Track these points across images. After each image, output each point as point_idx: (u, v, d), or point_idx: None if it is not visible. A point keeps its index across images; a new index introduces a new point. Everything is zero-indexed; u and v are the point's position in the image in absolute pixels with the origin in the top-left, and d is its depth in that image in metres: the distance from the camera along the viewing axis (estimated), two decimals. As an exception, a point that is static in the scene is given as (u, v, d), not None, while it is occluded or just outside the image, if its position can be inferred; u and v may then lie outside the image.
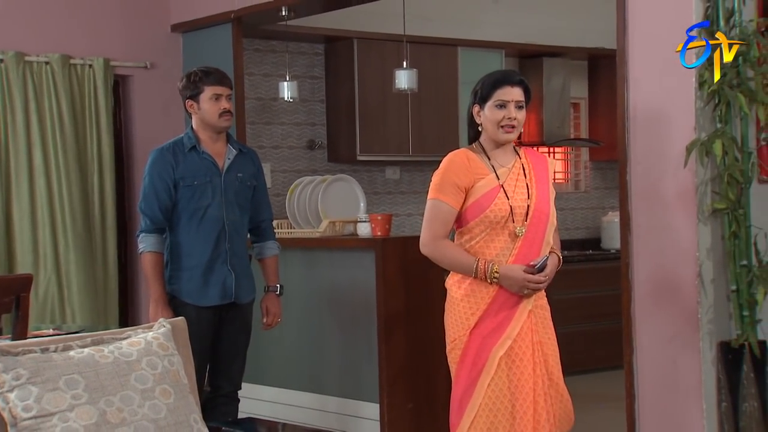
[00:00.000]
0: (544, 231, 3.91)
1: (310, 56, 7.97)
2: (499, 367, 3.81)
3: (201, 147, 4.70)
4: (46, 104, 6.58)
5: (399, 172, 8.40)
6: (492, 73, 4.06)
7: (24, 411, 2.72)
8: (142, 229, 4.70)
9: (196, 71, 4.74)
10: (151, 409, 2.87)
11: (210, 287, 4.68)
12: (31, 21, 6.65)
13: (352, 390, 5.78)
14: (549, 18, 8.54)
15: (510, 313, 3.84)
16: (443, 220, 3.89)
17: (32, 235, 6.46)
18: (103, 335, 3.07)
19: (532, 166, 3.97)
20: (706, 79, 4.33)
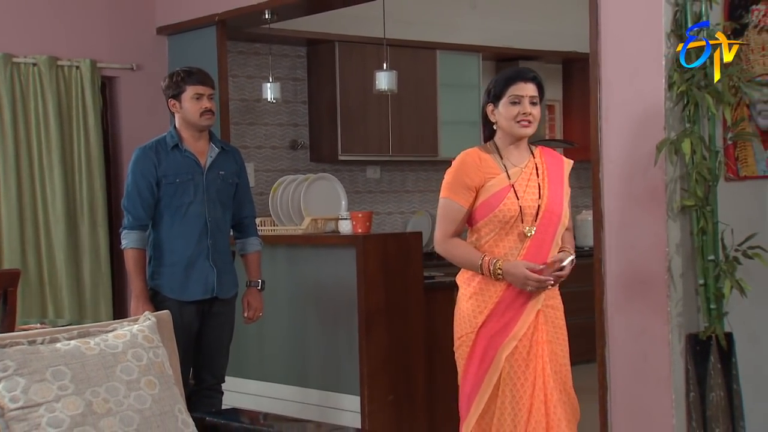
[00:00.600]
0: (554, 232, 3.83)
1: (293, 58, 7.98)
2: (505, 367, 3.74)
3: (183, 145, 4.70)
4: (33, 105, 6.56)
5: (379, 171, 8.42)
6: (505, 70, 3.99)
7: (11, 402, 2.72)
8: (125, 225, 4.70)
9: (179, 71, 4.75)
10: (136, 399, 2.87)
11: (192, 282, 4.68)
12: (18, 23, 6.62)
13: (334, 383, 5.78)
14: (524, 23, 8.58)
15: (517, 313, 3.77)
16: (453, 219, 3.83)
17: (20, 233, 6.43)
18: (89, 328, 3.07)
19: (546, 165, 3.87)
20: (675, 81, 4.36)
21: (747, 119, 4.62)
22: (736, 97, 4.49)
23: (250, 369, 6.17)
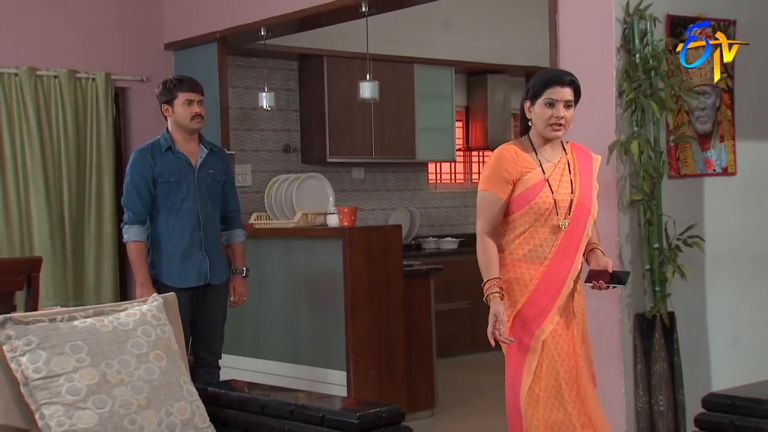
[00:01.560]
0: (584, 225, 3.60)
1: (286, 71, 7.97)
2: (544, 350, 3.51)
3: (176, 147, 4.68)
4: (54, 112, 6.55)
5: (363, 172, 8.41)
6: (545, 71, 3.77)
7: (34, 372, 2.73)
8: (126, 221, 4.67)
9: (171, 79, 4.74)
10: (145, 371, 2.88)
11: (187, 271, 4.67)
12: (41, 40, 6.61)
13: (323, 359, 5.77)
14: (492, 40, 8.58)
15: (554, 297, 3.54)
16: (492, 211, 3.58)
17: (49, 225, 6.41)
18: (103, 307, 3.08)
19: (577, 161, 3.66)
20: (624, 90, 4.38)
21: (686, 124, 4.64)
22: (677, 104, 4.52)
23: (248, 348, 6.17)
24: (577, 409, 3.53)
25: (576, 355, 3.57)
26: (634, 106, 4.37)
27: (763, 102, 5.05)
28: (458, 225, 9.06)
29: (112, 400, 2.76)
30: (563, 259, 3.55)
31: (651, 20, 4.44)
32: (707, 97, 4.74)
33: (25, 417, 2.76)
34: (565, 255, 3.55)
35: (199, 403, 2.98)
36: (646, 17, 4.44)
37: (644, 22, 4.43)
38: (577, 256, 3.57)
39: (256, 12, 6.36)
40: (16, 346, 2.75)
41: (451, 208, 9.06)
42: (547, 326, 3.51)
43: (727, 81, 4.86)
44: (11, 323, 2.79)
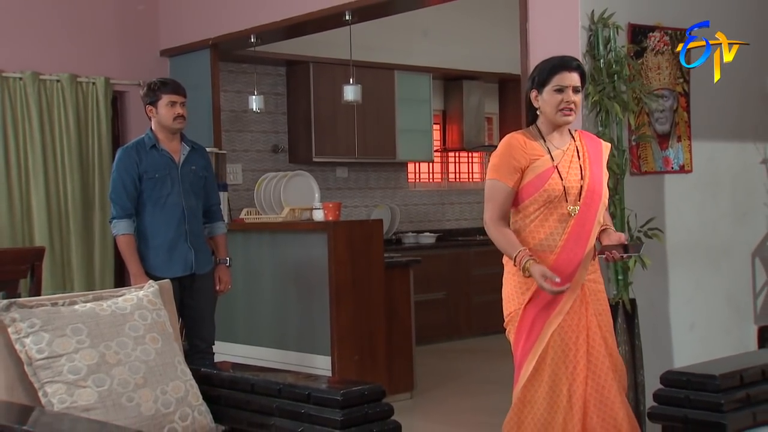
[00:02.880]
0: (596, 211, 3.38)
1: (274, 76, 7.97)
2: (556, 340, 3.32)
3: (159, 145, 4.65)
4: (57, 114, 6.54)
5: (347, 171, 8.41)
6: (550, 59, 3.56)
7: (38, 353, 2.74)
8: (114, 215, 4.63)
9: (155, 81, 4.70)
10: (142, 352, 2.89)
11: (173, 262, 4.64)
12: (45, 46, 6.60)
13: (309, 345, 5.77)
14: (467, 48, 8.60)
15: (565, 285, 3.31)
16: (501, 199, 3.38)
17: (48, 220, 6.41)
18: (102, 293, 3.08)
19: (586, 148, 3.45)
20: (590, 92, 4.40)
21: (647, 125, 4.67)
22: (639, 106, 4.55)
23: (239, 335, 6.16)
24: (569, 412, 3.30)
25: (581, 351, 3.32)
26: (599, 107, 4.40)
27: (716, 105, 5.10)
28: (436, 221, 9.08)
29: (110, 379, 2.76)
30: (575, 246, 3.34)
31: (614, 28, 4.48)
32: (666, 100, 4.78)
33: (29, 394, 2.76)
34: (577, 242, 3.35)
35: (192, 382, 2.98)
36: (609, 25, 4.48)
37: (608, 30, 4.47)
38: (589, 243, 3.36)
39: (246, 20, 6.37)
40: (21, 328, 2.76)
41: (429, 206, 9.08)
42: (556, 317, 3.33)
43: (684, 85, 4.91)
44: (16, 307, 2.80)
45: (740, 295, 5.30)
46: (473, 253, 8.51)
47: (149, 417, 2.77)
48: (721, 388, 2.86)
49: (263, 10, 6.26)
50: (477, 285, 8.44)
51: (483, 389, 6.29)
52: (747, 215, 5.33)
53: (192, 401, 2.93)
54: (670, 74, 4.81)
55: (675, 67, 4.84)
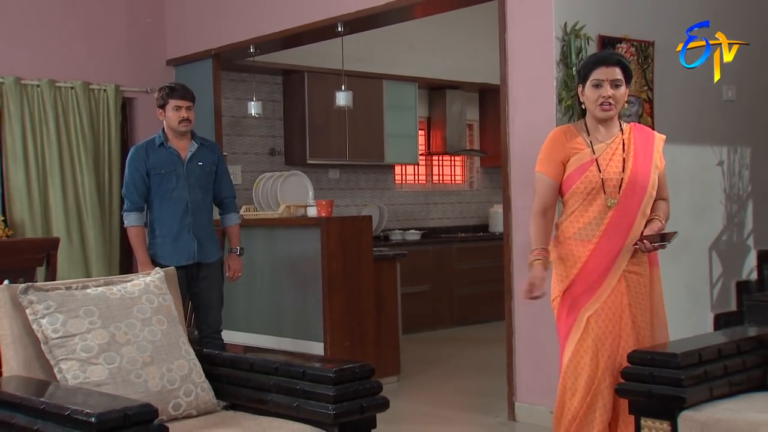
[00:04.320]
0: (639, 202, 3.20)
1: (272, 85, 7.96)
2: (593, 326, 3.18)
3: (168, 144, 4.65)
4: (72, 119, 6.54)
5: (339, 173, 8.40)
6: (592, 54, 3.48)
7: (53, 332, 2.74)
8: (126, 208, 4.66)
9: (165, 87, 4.70)
10: (149, 333, 2.88)
11: (177, 251, 4.61)
12: (60, 55, 6.60)
13: (303, 332, 5.76)
14: (450, 60, 8.62)
15: (601, 276, 3.20)
16: (542, 191, 3.29)
17: (65, 215, 6.41)
18: (112, 278, 3.08)
19: (635, 140, 3.26)
20: (563, 98, 4.43)
21: (616, 128, 4.69)
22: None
23: (239, 323, 6.15)
24: (602, 399, 3.16)
25: (620, 339, 3.19)
26: (571, 111, 4.43)
27: (677, 112, 5.14)
28: (421, 219, 9.09)
29: (120, 358, 2.76)
30: (613, 237, 3.19)
31: (585, 39, 4.51)
32: (632, 106, 4.81)
33: (45, 371, 2.76)
34: (616, 233, 3.19)
35: (195, 361, 2.98)
36: (581, 36, 4.51)
37: (579, 41, 4.50)
38: (630, 235, 3.20)
39: (246, 31, 6.37)
40: (37, 310, 2.76)
41: (414, 205, 9.09)
42: (592, 304, 3.20)
43: (648, 93, 4.94)
44: (33, 290, 2.80)
45: (698, 286, 5.34)
46: (455, 249, 8.54)
47: (156, 392, 2.77)
48: (681, 365, 2.89)
49: (262, 22, 6.26)
50: (459, 278, 8.46)
51: (464, 373, 6.32)
52: (705, 212, 5.37)
53: (195, 378, 2.93)
54: (635, 82, 4.83)
55: (640, 76, 4.87)
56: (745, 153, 5.63)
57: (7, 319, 2.79)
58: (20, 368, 2.76)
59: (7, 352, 2.78)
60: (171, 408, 2.83)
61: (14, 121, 6.30)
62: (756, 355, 3.14)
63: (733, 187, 5.53)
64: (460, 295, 8.45)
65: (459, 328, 8.30)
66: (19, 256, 3.77)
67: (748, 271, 5.63)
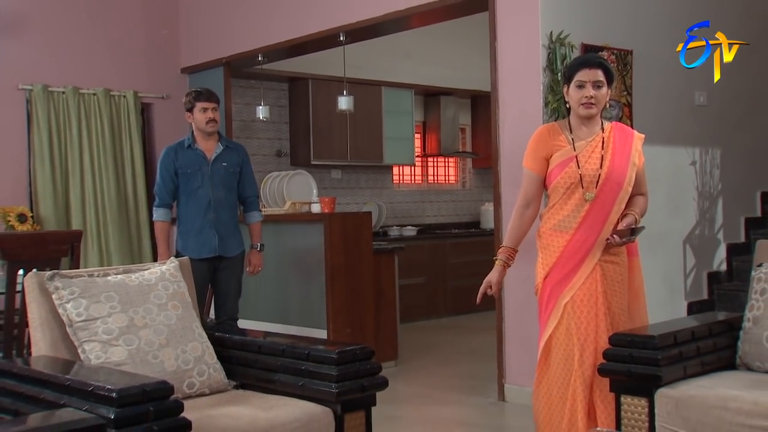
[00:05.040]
0: (615, 197, 3.17)
1: (278, 91, 7.96)
2: (569, 312, 3.16)
3: (195, 145, 4.68)
4: (94, 123, 6.55)
5: (341, 173, 8.40)
6: (576, 57, 3.48)
7: (77, 316, 2.75)
8: (155, 204, 4.73)
9: (192, 92, 4.76)
10: (165, 317, 2.89)
11: (201, 245, 4.64)
12: (84, 65, 6.61)
13: (308, 320, 5.76)
14: (444, 68, 8.62)
15: (577, 265, 3.18)
16: (526, 185, 3.29)
17: (81, 214, 6.42)
18: (131, 267, 3.08)
19: (614, 139, 3.22)
20: (549, 101, 4.43)
21: (598, 129, 4.69)
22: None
23: (248, 311, 6.11)
24: (581, 383, 3.12)
25: (596, 324, 3.15)
26: (557, 114, 4.42)
27: (654, 115, 5.14)
28: (417, 216, 9.10)
29: (138, 340, 2.77)
30: (589, 228, 3.17)
31: (569, 47, 4.52)
32: (612, 109, 4.81)
33: (70, 351, 2.76)
34: (592, 225, 3.17)
35: (208, 344, 2.98)
36: (565, 44, 4.52)
37: (564, 48, 4.51)
38: (605, 227, 3.17)
39: (254, 41, 6.37)
40: (63, 295, 2.76)
41: (411, 203, 9.09)
42: (569, 291, 3.18)
43: (627, 97, 4.95)
44: (58, 277, 2.80)
45: (674, 276, 5.35)
46: (449, 244, 8.54)
47: (171, 372, 2.77)
48: (658, 346, 2.90)
49: (269, 33, 6.26)
50: (453, 271, 8.47)
51: (457, 359, 6.32)
52: (679, 208, 5.38)
53: (208, 360, 2.93)
54: (616, 88, 4.85)
55: (620, 81, 4.87)
56: (716, 154, 5.64)
57: (36, 304, 2.80)
58: (47, 349, 2.76)
59: (35, 334, 2.79)
60: (185, 387, 2.83)
61: (42, 125, 6.31)
62: (725, 337, 3.15)
63: (704, 185, 5.54)
64: (453, 287, 8.45)
65: (452, 317, 8.30)
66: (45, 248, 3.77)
67: (719, 263, 5.65)
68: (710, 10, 5.48)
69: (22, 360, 2.86)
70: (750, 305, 3.12)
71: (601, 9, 4.85)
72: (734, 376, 2.98)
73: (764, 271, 3.14)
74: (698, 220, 5.51)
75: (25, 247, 3.73)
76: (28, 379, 2.50)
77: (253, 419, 2.61)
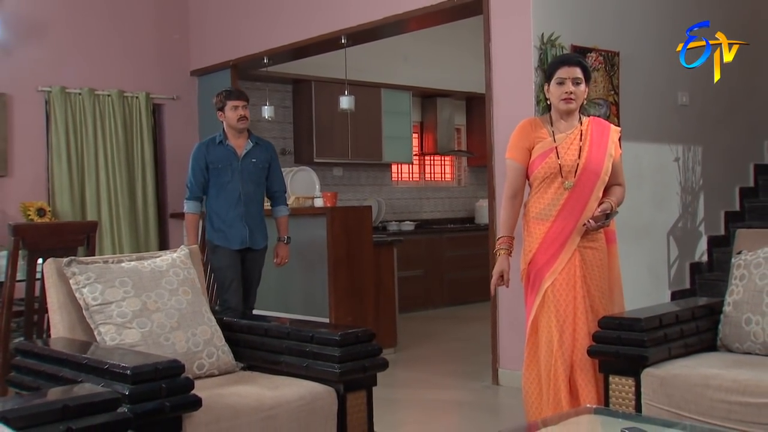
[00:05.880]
0: (592, 187, 3.19)
1: (283, 92, 7.96)
2: (549, 296, 3.19)
3: (227, 141, 4.62)
4: (108, 123, 6.55)
5: (342, 171, 8.40)
6: (557, 56, 3.48)
7: (93, 300, 2.75)
8: (187, 197, 4.62)
9: (223, 91, 4.68)
10: (176, 302, 2.89)
11: (232, 237, 4.57)
12: (99, 67, 6.61)
13: (311, 309, 5.74)
14: (440, 71, 8.62)
15: (557, 251, 3.19)
16: (511, 176, 3.29)
17: (97, 209, 6.43)
18: (143, 255, 3.09)
19: (591, 132, 3.24)
20: (540, 99, 4.43)
21: (586, 126, 4.69)
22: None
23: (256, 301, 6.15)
24: (562, 364, 3.13)
25: (575, 308, 3.16)
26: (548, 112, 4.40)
27: (640, 114, 5.15)
28: (414, 212, 9.09)
29: (151, 323, 2.77)
30: (568, 216, 3.19)
31: (559, 47, 4.52)
32: (600, 108, 4.81)
33: (87, 333, 2.77)
34: (571, 213, 3.19)
35: (217, 327, 2.98)
36: (556, 45, 4.52)
37: (554, 49, 4.50)
38: (583, 215, 3.18)
39: (260, 44, 6.37)
40: (79, 280, 2.77)
41: (409, 199, 9.09)
42: (550, 276, 3.19)
43: (614, 96, 4.94)
44: (75, 263, 2.81)
45: (658, 266, 5.36)
46: (445, 238, 8.54)
47: (182, 354, 2.77)
48: (644, 328, 2.90)
49: (274, 36, 6.26)
50: (449, 264, 8.47)
51: (453, 346, 6.32)
52: (663, 202, 5.38)
53: (217, 342, 2.93)
54: (603, 87, 4.85)
55: (607, 81, 4.88)
56: (698, 151, 5.64)
57: (54, 289, 2.80)
58: (65, 331, 2.77)
59: (54, 317, 2.79)
60: (195, 368, 2.83)
61: (59, 124, 6.31)
62: (707, 320, 3.16)
63: (687, 181, 5.55)
64: (449, 279, 8.45)
65: (449, 308, 8.30)
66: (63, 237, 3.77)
67: (700, 254, 5.65)
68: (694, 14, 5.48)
69: (42, 341, 2.86)
70: (730, 290, 3.13)
71: (589, 12, 4.85)
72: (715, 357, 2.99)
73: (743, 258, 3.14)
74: (681, 213, 5.51)
75: (44, 237, 3.73)
76: (48, 359, 2.51)
77: (259, 397, 2.61)
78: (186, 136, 6.94)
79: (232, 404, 2.53)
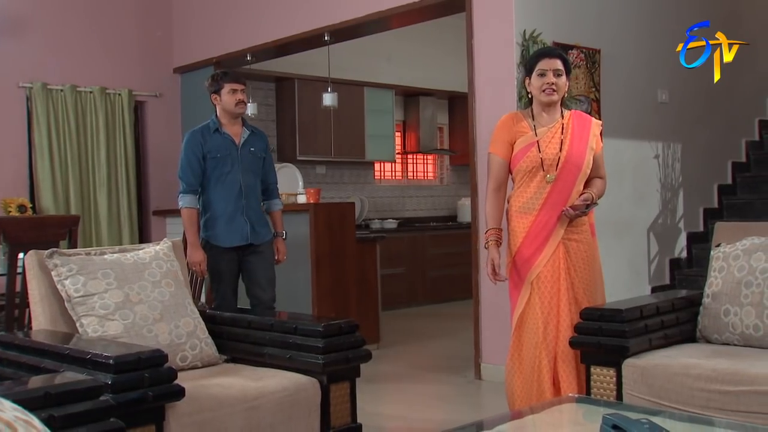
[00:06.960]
0: (574, 180, 3.19)
1: (266, 90, 7.93)
2: (535, 288, 3.20)
3: (222, 129, 4.17)
4: (90, 119, 6.50)
5: (325, 168, 8.38)
6: (537, 50, 3.49)
7: (75, 292, 2.73)
8: (181, 190, 4.15)
9: (218, 73, 4.31)
10: (159, 294, 2.87)
11: (231, 233, 4.17)
12: (81, 64, 6.55)
13: (294, 305, 5.62)
14: (422, 70, 8.63)
15: (542, 244, 3.20)
16: (494, 170, 3.28)
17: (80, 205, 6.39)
18: (126, 247, 3.06)
19: (573, 125, 3.24)
20: (522, 95, 4.43)
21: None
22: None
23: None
24: (546, 356, 3.15)
25: (558, 299, 3.18)
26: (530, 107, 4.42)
27: (620, 111, 5.18)
28: (397, 210, 9.10)
29: (133, 315, 2.75)
30: (551, 209, 3.20)
31: (541, 44, 4.52)
32: (582, 104, 4.84)
33: (69, 325, 2.75)
34: (554, 206, 3.19)
35: (200, 319, 2.96)
36: (538, 42, 4.53)
37: (536, 46, 4.51)
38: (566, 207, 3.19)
39: (243, 41, 6.34)
40: (61, 272, 2.74)
41: (392, 198, 9.09)
42: (535, 269, 3.20)
43: (595, 93, 4.97)
44: (57, 255, 2.78)
45: (638, 262, 5.39)
46: (428, 236, 8.55)
47: (165, 345, 2.75)
48: (625, 319, 2.91)
49: (257, 33, 6.23)
50: (431, 262, 8.48)
51: (435, 342, 6.32)
52: (644, 198, 5.42)
53: (200, 335, 2.92)
54: (585, 84, 4.88)
55: (588, 78, 4.90)
56: (677, 148, 5.68)
57: (36, 281, 2.77)
58: (47, 323, 2.74)
59: (36, 309, 2.77)
60: (179, 360, 2.82)
61: (41, 121, 6.26)
62: (687, 312, 3.17)
63: (667, 177, 5.59)
64: (432, 277, 8.46)
65: (431, 306, 8.31)
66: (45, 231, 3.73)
67: (680, 250, 5.69)
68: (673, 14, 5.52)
69: (23, 332, 2.83)
70: (709, 282, 3.15)
71: (571, 9, 4.88)
72: (695, 348, 3.00)
73: (722, 251, 3.17)
74: (661, 209, 5.55)
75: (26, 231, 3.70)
76: (29, 350, 2.48)
77: (243, 388, 2.60)
78: (168, 133, 6.91)
79: (215, 394, 2.52)
